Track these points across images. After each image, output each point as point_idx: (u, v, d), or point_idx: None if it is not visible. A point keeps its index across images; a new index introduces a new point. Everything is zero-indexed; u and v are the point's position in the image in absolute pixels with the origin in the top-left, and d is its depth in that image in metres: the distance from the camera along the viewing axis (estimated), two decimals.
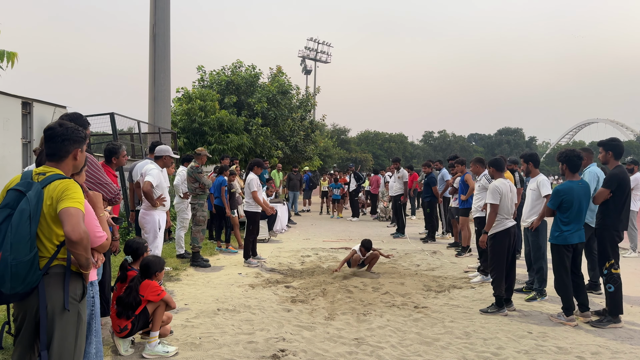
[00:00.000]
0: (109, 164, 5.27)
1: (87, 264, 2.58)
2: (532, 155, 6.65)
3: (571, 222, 5.36)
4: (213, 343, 4.54)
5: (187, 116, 16.83)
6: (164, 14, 14.26)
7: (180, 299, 6.06)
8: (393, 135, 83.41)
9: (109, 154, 5.30)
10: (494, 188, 5.85)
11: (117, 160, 5.32)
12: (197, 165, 8.32)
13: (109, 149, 5.32)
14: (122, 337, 4.21)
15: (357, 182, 17.33)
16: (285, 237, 12.09)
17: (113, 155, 5.29)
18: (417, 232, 12.77)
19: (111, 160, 5.29)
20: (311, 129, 25.24)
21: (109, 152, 5.31)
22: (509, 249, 5.79)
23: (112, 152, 5.30)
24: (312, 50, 58.74)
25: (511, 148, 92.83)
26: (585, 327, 5.25)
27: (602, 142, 5.68)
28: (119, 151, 5.33)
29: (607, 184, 5.42)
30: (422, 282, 7.17)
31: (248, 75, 20.49)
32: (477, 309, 5.80)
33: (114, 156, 5.30)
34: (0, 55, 5.30)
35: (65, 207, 2.48)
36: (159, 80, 14.11)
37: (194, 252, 8.12)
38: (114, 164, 5.32)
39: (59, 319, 2.56)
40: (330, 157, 44.21)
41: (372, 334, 4.88)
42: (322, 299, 6.16)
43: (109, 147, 5.34)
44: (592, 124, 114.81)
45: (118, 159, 5.33)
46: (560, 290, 5.42)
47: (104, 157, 5.43)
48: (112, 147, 5.32)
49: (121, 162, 5.42)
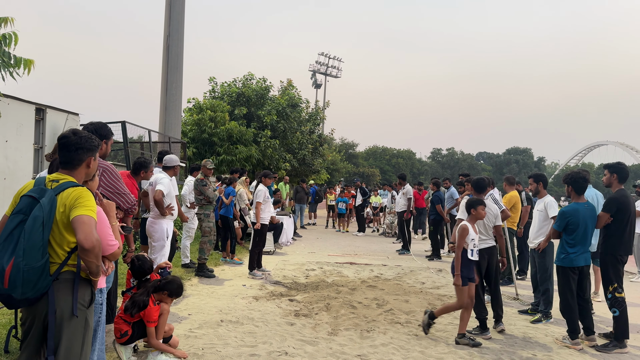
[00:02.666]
0: (135, 176, 5.41)
1: (97, 272, 2.62)
2: (543, 176, 6.66)
3: (577, 244, 5.34)
4: (215, 354, 4.54)
5: (197, 126, 17.00)
6: (178, 26, 14.48)
7: (184, 309, 6.08)
8: (401, 151, 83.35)
9: (139, 166, 5.46)
10: (465, 207, 5.82)
11: (145, 174, 5.51)
12: (202, 178, 8.36)
13: (141, 162, 5.49)
14: (122, 343, 4.22)
15: (363, 197, 17.35)
16: (291, 250, 12.09)
17: (142, 169, 5.47)
18: (423, 250, 12.72)
19: (139, 174, 5.46)
20: (319, 142, 25.34)
21: (140, 165, 5.48)
22: (481, 271, 5.74)
23: (143, 165, 5.50)
24: (322, 64, 59.13)
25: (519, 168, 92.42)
26: (591, 351, 5.20)
27: (608, 164, 5.69)
28: (149, 166, 5.53)
29: (606, 208, 5.42)
30: (426, 300, 7.14)
31: (259, 88, 20.68)
32: None
33: (144, 170, 5.48)
34: (18, 62, 5.42)
35: (78, 215, 2.53)
36: (171, 90, 14.28)
37: (200, 263, 8.12)
38: (141, 177, 5.48)
39: (67, 325, 2.59)
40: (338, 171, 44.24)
41: (375, 351, 4.86)
42: (326, 314, 6.14)
43: (140, 161, 5.51)
44: (602, 146, 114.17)
45: (146, 174, 5.53)
46: (566, 313, 5.38)
47: (131, 169, 5.55)
48: (143, 161, 5.49)
49: (148, 177, 5.58)
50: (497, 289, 5.91)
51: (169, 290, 4.46)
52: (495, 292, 5.85)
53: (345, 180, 43.38)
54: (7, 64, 5.29)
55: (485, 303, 5.81)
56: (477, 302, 5.65)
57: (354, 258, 11.11)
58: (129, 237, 4.42)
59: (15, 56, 5.39)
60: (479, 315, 5.64)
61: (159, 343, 4.26)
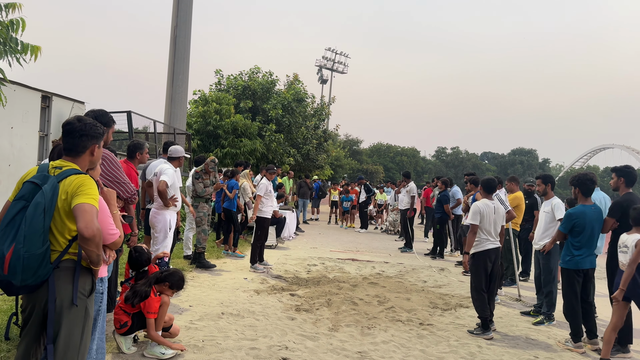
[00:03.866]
0: (132, 160, 5.40)
1: (98, 261, 2.59)
2: (551, 177, 6.61)
3: (583, 246, 5.29)
4: (216, 347, 4.52)
5: (202, 118, 16.97)
6: (186, 17, 14.43)
7: (185, 300, 6.06)
8: (405, 149, 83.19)
9: (134, 149, 5.45)
10: (475, 208, 5.79)
11: (140, 156, 5.50)
12: (198, 171, 8.42)
13: (134, 144, 5.47)
14: (122, 334, 4.21)
15: (367, 194, 17.31)
16: (293, 245, 12.07)
17: (138, 151, 5.46)
18: (426, 248, 12.68)
19: (135, 156, 5.45)
20: (324, 138, 25.28)
21: (134, 147, 5.46)
22: (486, 270, 5.71)
23: (137, 147, 5.47)
24: (329, 60, 58.95)
25: (524, 169, 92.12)
26: (593, 354, 5.16)
27: (615, 168, 5.62)
28: (143, 147, 5.50)
29: (611, 212, 5.36)
30: (428, 298, 7.10)
31: (265, 82, 20.63)
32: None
33: (139, 151, 5.46)
34: (25, 48, 5.39)
35: (80, 203, 2.50)
36: (178, 81, 14.24)
37: (198, 252, 8.20)
38: (137, 159, 5.48)
39: (67, 314, 2.57)
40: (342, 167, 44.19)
41: (376, 349, 4.83)
42: (327, 310, 6.12)
43: (133, 143, 5.49)
44: (607, 150, 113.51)
45: (142, 155, 5.50)
46: (569, 316, 5.34)
47: (126, 154, 5.53)
48: (136, 143, 5.49)
49: (144, 159, 5.56)
50: (494, 291, 5.88)
51: (170, 282, 4.45)
52: (491, 293, 5.82)
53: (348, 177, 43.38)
54: (14, 49, 5.26)
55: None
56: (480, 302, 5.62)
57: (356, 254, 11.08)
58: (132, 222, 4.40)
59: (22, 42, 5.37)
60: (482, 314, 5.61)
61: (157, 335, 4.24)
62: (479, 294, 5.63)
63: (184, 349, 4.34)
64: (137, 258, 4.47)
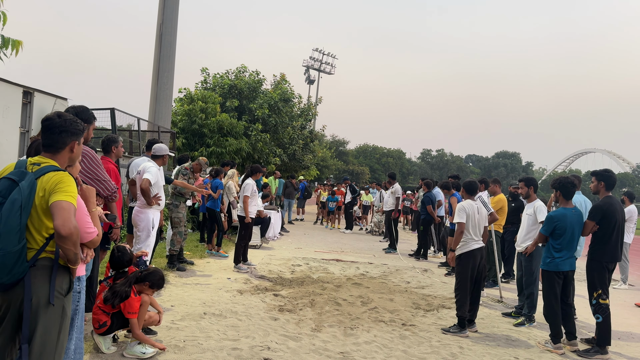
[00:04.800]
0: (108, 155, 5.35)
1: (75, 259, 2.54)
2: (533, 180, 6.67)
3: (563, 249, 5.35)
4: (197, 347, 4.48)
5: (187, 117, 16.83)
6: (172, 14, 14.32)
7: (167, 300, 6.00)
8: (391, 151, 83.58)
9: (108, 142, 5.41)
10: (460, 207, 5.86)
11: (116, 149, 5.48)
12: (187, 168, 8.26)
13: (108, 139, 5.46)
14: (101, 334, 4.14)
15: (352, 195, 17.33)
16: (277, 245, 12.03)
17: (112, 145, 5.43)
18: (409, 249, 12.74)
19: (111, 150, 5.41)
20: (310, 138, 25.26)
21: (108, 141, 5.43)
22: (473, 271, 5.77)
23: (111, 141, 5.44)
24: (316, 60, 59.03)
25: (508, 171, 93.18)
26: (572, 355, 5.22)
27: (595, 172, 5.70)
28: (117, 140, 5.48)
29: (591, 216, 5.44)
30: (411, 299, 7.13)
31: (251, 81, 20.54)
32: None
33: (114, 145, 5.43)
34: (5, 43, 5.29)
35: (58, 201, 2.45)
36: (163, 79, 14.13)
37: (170, 254, 7.94)
38: (113, 153, 5.43)
39: (43, 313, 2.52)
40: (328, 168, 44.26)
41: (358, 349, 4.83)
42: (310, 310, 6.11)
43: (108, 137, 5.48)
44: (589, 154, 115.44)
45: (117, 149, 5.48)
46: (549, 317, 5.40)
47: (102, 149, 5.48)
48: (110, 137, 5.48)
49: (120, 152, 5.54)
50: (479, 291, 5.93)
51: (150, 281, 4.40)
52: (477, 294, 5.86)
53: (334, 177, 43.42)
54: None
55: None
56: (462, 302, 5.65)
57: (340, 255, 11.08)
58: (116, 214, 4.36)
59: (4, 36, 5.27)
60: (461, 313, 5.65)
61: (142, 335, 4.20)
62: (463, 294, 5.67)
63: (164, 348, 4.29)
64: (119, 258, 4.40)
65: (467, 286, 5.70)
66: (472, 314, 5.82)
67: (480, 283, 5.89)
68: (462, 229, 5.74)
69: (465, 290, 5.69)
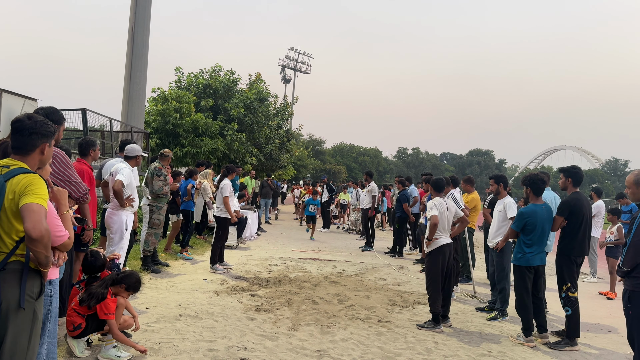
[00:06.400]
0: (85, 157, 5.29)
1: (47, 262, 2.51)
2: (503, 177, 6.81)
3: (534, 244, 5.49)
4: (172, 349, 4.46)
5: (161, 117, 16.61)
6: (145, 13, 14.13)
7: (141, 302, 5.94)
8: (368, 149, 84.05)
9: (86, 146, 5.36)
10: (431, 204, 5.97)
11: (94, 153, 5.44)
12: (160, 167, 7.97)
13: (87, 141, 5.40)
14: (75, 336, 4.09)
15: (329, 194, 17.39)
16: (254, 245, 12.01)
17: (91, 148, 5.40)
18: (386, 247, 12.86)
19: (88, 153, 5.38)
20: (287, 137, 25.25)
21: (86, 144, 5.38)
22: (443, 267, 5.87)
23: (90, 144, 5.38)
24: (292, 59, 59.02)
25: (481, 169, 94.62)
26: (543, 348, 5.36)
27: (562, 168, 5.87)
28: (95, 143, 5.44)
29: (559, 211, 5.61)
30: (387, 296, 7.21)
31: (226, 80, 20.40)
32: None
33: (92, 148, 5.40)
34: None
35: (28, 203, 2.42)
36: (135, 78, 13.94)
37: (145, 255, 7.83)
38: (90, 156, 5.40)
39: (14, 317, 2.48)
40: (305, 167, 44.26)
41: (335, 347, 4.88)
42: (287, 309, 6.12)
43: (85, 140, 5.42)
44: (560, 151, 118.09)
45: (95, 152, 5.43)
46: (521, 311, 5.53)
47: (79, 151, 5.41)
48: (89, 140, 5.44)
49: (96, 156, 5.50)
50: (451, 286, 6.04)
51: (126, 283, 4.36)
52: (448, 290, 5.97)
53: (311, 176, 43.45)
54: None
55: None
56: (435, 298, 5.75)
57: (317, 254, 11.12)
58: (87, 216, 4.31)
59: None
60: (434, 309, 5.74)
61: (121, 335, 4.15)
62: (435, 290, 5.77)
63: (145, 350, 4.25)
64: (91, 262, 4.34)
65: (438, 282, 5.80)
66: (445, 309, 5.93)
67: (451, 278, 6.00)
68: (436, 222, 5.81)
69: (436, 286, 5.79)
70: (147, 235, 7.87)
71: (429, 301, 5.84)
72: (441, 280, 5.84)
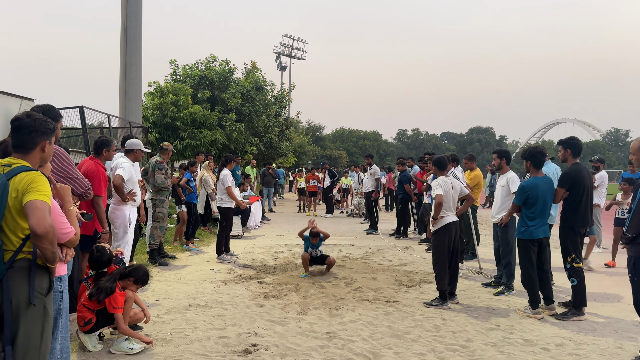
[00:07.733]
0: (98, 156, 5.30)
1: (54, 258, 2.53)
2: (506, 152, 6.78)
3: (536, 217, 5.50)
4: (184, 339, 4.51)
5: (159, 111, 16.56)
6: (136, 7, 14.00)
7: (151, 295, 6.00)
8: (367, 133, 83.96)
9: (101, 145, 5.38)
10: (436, 183, 5.97)
11: (107, 153, 5.42)
12: (161, 161, 7.98)
13: (102, 141, 5.43)
14: (86, 331, 4.13)
15: (331, 179, 17.40)
16: (259, 233, 12.06)
17: (105, 147, 5.41)
18: (390, 229, 12.90)
19: (102, 153, 5.38)
20: (286, 125, 25.20)
21: (101, 143, 5.40)
22: (449, 245, 5.90)
23: (104, 143, 5.38)
24: (287, 46, 58.61)
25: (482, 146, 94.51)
26: (551, 319, 5.40)
27: (561, 140, 5.87)
28: (110, 144, 5.45)
29: (560, 183, 5.60)
30: (393, 277, 7.26)
31: (222, 70, 20.28)
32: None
33: (106, 148, 5.41)
34: None
35: (31, 200, 2.43)
36: (130, 73, 13.85)
37: (151, 249, 7.88)
38: (104, 156, 5.41)
39: (24, 314, 2.51)
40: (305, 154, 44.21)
41: (344, 328, 4.92)
42: (295, 295, 6.17)
43: (101, 139, 5.45)
44: (561, 124, 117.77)
45: (109, 152, 5.44)
46: (527, 284, 5.56)
47: (93, 149, 5.42)
48: (104, 140, 5.44)
49: (110, 156, 5.51)
50: (457, 264, 6.07)
51: (134, 277, 4.40)
52: (455, 267, 6.00)
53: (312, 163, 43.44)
54: None
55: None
56: (441, 275, 5.78)
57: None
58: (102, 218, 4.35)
59: None
60: (441, 287, 5.78)
61: (128, 329, 4.20)
62: (442, 267, 5.80)
63: (151, 342, 4.29)
64: (97, 258, 4.36)
65: (444, 260, 5.83)
66: (452, 286, 5.97)
67: (457, 256, 6.02)
68: (441, 201, 5.83)
69: (443, 264, 5.82)
70: (152, 229, 7.90)
71: (436, 279, 5.87)
72: (448, 258, 5.87)
